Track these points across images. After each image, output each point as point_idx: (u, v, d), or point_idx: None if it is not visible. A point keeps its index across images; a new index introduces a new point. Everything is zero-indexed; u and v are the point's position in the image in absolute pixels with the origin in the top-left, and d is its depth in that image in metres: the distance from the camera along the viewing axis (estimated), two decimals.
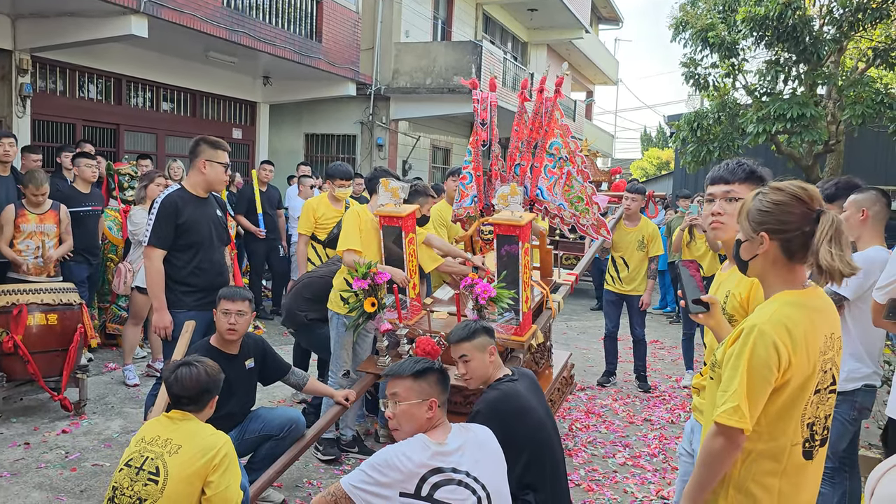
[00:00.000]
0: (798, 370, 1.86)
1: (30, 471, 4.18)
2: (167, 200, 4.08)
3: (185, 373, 2.90)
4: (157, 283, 4.05)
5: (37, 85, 9.54)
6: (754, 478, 1.93)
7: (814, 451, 1.97)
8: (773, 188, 1.97)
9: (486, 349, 3.15)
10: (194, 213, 4.14)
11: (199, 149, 4.18)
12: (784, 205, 1.92)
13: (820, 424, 1.98)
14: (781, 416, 1.90)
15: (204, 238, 4.18)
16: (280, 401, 5.59)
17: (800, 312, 1.90)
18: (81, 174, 6.18)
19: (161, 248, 4.05)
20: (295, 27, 11.56)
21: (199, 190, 4.22)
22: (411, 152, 15.95)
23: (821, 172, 12.75)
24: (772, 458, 1.92)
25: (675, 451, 4.74)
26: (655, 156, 40.32)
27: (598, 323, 8.39)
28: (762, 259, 1.96)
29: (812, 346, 1.89)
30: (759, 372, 1.83)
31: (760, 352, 1.83)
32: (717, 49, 12.11)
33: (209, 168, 4.17)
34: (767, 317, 1.88)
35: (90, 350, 6.36)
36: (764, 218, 1.94)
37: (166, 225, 4.03)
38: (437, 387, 2.62)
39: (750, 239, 1.97)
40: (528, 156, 4.91)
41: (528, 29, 21.94)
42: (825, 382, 1.96)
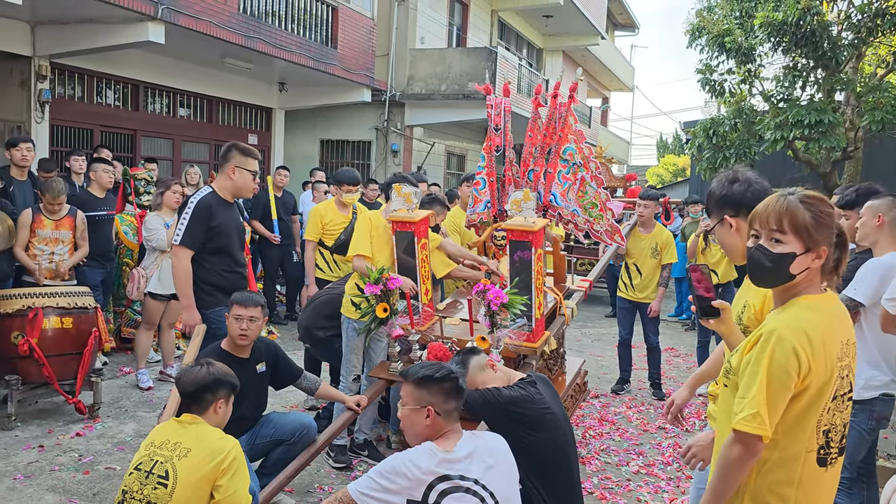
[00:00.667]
0: (816, 376, 1.83)
1: (43, 473, 4.21)
2: (203, 203, 4.11)
3: (190, 371, 2.99)
4: (185, 281, 4.08)
5: (55, 91, 9.64)
6: (770, 488, 1.91)
7: (829, 458, 1.94)
8: (820, 199, 1.94)
9: (484, 367, 3.17)
10: (225, 217, 4.20)
11: (229, 154, 4.23)
12: (833, 216, 1.93)
13: (836, 432, 1.95)
14: (798, 423, 1.87)
15: (233, 242, 4.26)
16: (293, 406, 5.59)
17: (818, 317, 1.88)
18: (98, 179, 6.23)
19: (190, 249, 4.07)
20: (310, 34, 11.63)
21: (227, 195, 4.26)
22: (426, 158, 15.97)
23: (839, 179, 12.63)
24: (787, 467, 1.89)
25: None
26: (672, 162, 40.17)
27: (612, 330, 8.34)
28: (810, 272, 1.92)
29: (830, 351, 1.86)
30: (778, 378, 1.81)
31: (780, 357, 1.81)
32: (733, 55, 12.04)
33: (238, 174, 4.21)
34: (787, 322, 1.85)
35: (105, 354, 6.40)
36: (826, 232, 1.91)
37: (199, 226, 4.07)
38: (438, 396, 2.58)
39: (807, 252, 1.90)
40: (541, 161, 4.90)
41: (544, 35, 21.93)
42: (842, 389, 1.93)
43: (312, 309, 4.99)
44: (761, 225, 1.95)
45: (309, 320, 4.97)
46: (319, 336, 4.88)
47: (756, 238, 1.97)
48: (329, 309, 4.84)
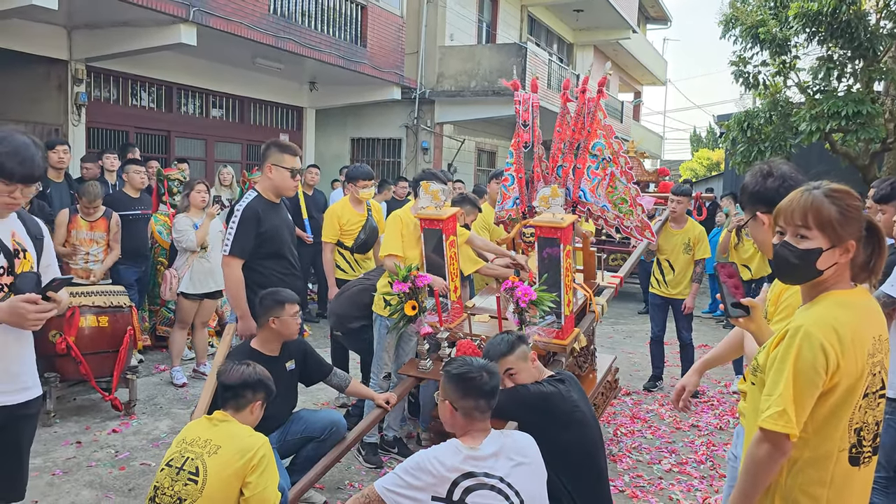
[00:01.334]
0: (846, 373, 1.79)
1: (80, 469, 4.29)
2: (248, 209, 3.98)
3: (236, 367, 3.06)
4: (237, 291, 3.96)
5: (91, 94, 9.83)
6: (801, 487, 1.87)
7: (861, 457, 1.89)
8: (846, 192, 1.90)
9: (527, 358, 3.14)
10: (274, 219, 4.08)
11: (268, 152, 4.09)
12: (860, 209, 1.89)
13: (869, 430, 1.90)
14: (829, 422, 1.83)
15: (287, 243, 4.16)
16: (324, 403, 5.63)
17: (848, 313, 1.83)
18: (130, 180, 6.34)
19: (241, 258, 3.96)
20: (340, 33, 11.69)
21: (271, 195, 4.11)
22: (456, 155, 15.96)
23: (878, 172, 12.34)
24: (818, 466, 1.85)
25: (724, 458, 4.63)
26: (706, 157, 39.62)
27: (644, 327, 8.26)
28: (838, 267, 1.88)
29: (860, 348, 1.82)
30: (805, 375, 1.77)
31: (807, 354, 1.77)
32: (767, 46, 11.83)
33: (275, 172, 4.06)
34: (815, 318, 1.82)
35: (140, 352, 6.51)
36: (853, 226, 1.87)
37: (248, 234, 3.94)
38: (456, 392, 2.59)
39: (834, 247, 1.86)
40: (570, 157, 4.86)
41: (574, 30, 21.78)
42: (874, 386, 1.89)
43: (347, 297, 4.97)
44: (786, 221, 1.91)
45: (342, 309, 4.95)
46: (352, 326, 4.88)
47: (781, 234, 1.92)
48: (364, 298, 4.83)
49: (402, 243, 4.42)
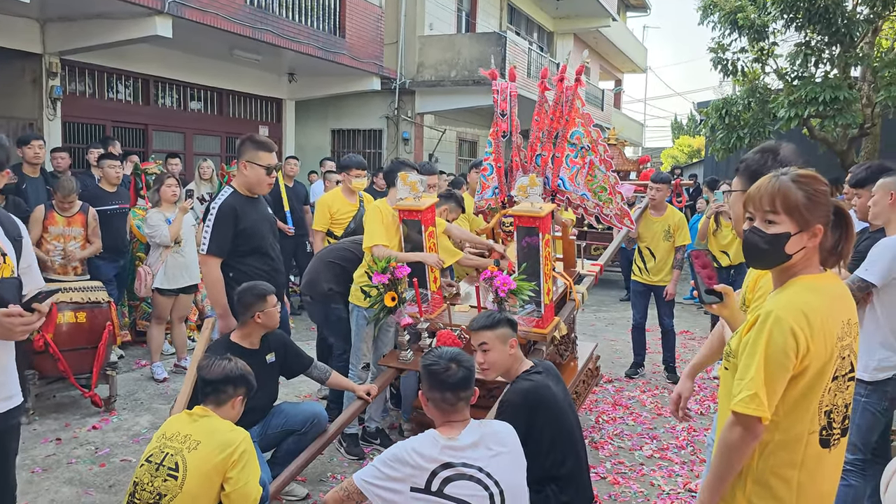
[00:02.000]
0: (816, 356, 1.82)
1: (60, 466, 4.26)
2: (225, 207, 3.90)
3: (217, 361, 3.02)
4: (217, 290, 3.90)
5: (66, 87, 9.69)
6: (773, 470, 1.89)
7: (831, 439, 1.92)
8: (813, 177, 1.92)
9: (507, 341, 3.12)
10: (253, 214, 4.00)
11: (242, 148, 4.01)
12: (828, 194, 1.90)
13: (838, 413, 1.93)
14: (799, 404, 1.86)
15: (267, 238, 4.10)
16: (305, 396, 5.62)
17: (818, 297, 1.86)
18: (106, 175, 6.28)
19: (218, 257, 3.89)
20: (318, 23, 11.60)
21: (245, 190, 4.03)
22: (437, 145, 15.93)
23: (856, 157, 12.45)
24: (789, 449, 1.88)
25: (704, 443, 4.68)
26: (686, 144, 39.78)
27: (626, 314, 8.30)
28: (806, 251, 1.90)
29: (829, 331, 1.84)
30: (776, 359, 1.80)
31: (777, 339, 1.79)
32: (746, 32, 11.88)
33: (250, 169, 3.97)
34: (784, 303, 1.84)
35: (120, 347, 6.46)
36: (820, 210, 1.89)
37: (224, 232, 3.87)
38: (425, 384, 2.61)
39: (801, 232, 1.88)
40: (549, 146, 4.87)
41: (554, 18, 21.77)
42: (843, 369, 1.91)
43: (321, 260, 4.90)
44: (755, 207, 1.93)
45: (315, 272, 4.86)
46: (324, 289, 4.78)
47: (751, 220, 1.95)
48: (335, 270, 4.78)
49: (386, 234, 4.40)
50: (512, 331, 3.16)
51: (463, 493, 2.39)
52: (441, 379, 2.55)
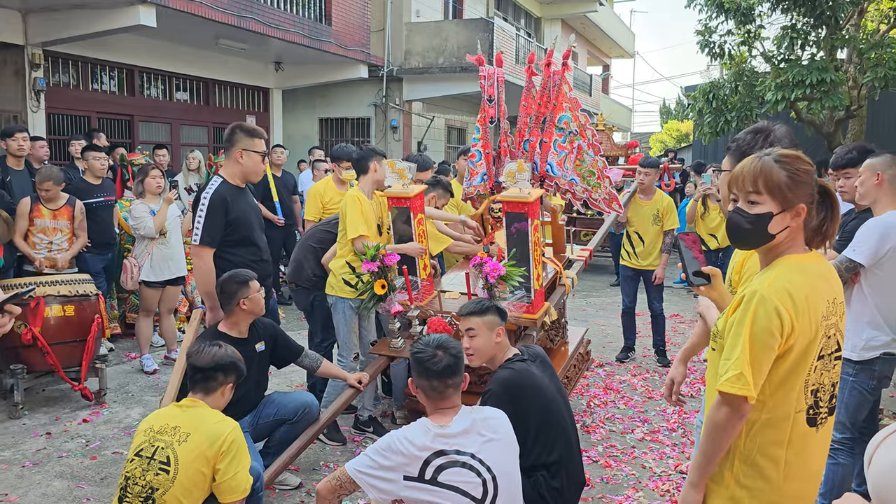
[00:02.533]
0: (801, 336, 1.83)
1: (51, 460, 4.24)
2: (216, 196, 3.88)
3: (207, 348, 2.99)
4: (209, 282, 3.84)
5: (50, 79, 9.60)
6: (760, 449, 1.90)
7: (818, 418, 1.93)
8: (795, 157, 1.92)
9: (494, 329, 3.12)
10: (242, 204, 4.01)
11: (234, 137, 3.98)
12: (811, 173, 1.91)
13: (825, 392, 1.94)
14: (785, 383, 1.86)
15: (255, 228, 4.10)
16: (297, 385, 5.62)
17: (802, 277, 1.87)
18: (90, 167, 6.22)
19: (211, 247, 3.88)
20: (304, 11, 11.52)
21: (238, 180, 4.03)
22: (426, 133, 15.89)
23: (843, 139, 12.50)
24: (776, 428, 1.88)
25: (694, 425, 4.70)
26: (675, 128, 39.86)
27: (616, 299, 8.32)
28: (790, 231, 1.91)
29: (814, 310, 1.85)
30: (761, 338, 1.80)
31: (762, 318, 1.80)
32: (732, 15, 11.86)
33: (246, 158, 3.97)
34: (769, 282, 1.85)
35: (110, 340, 6.43)
36: (803, 189, 1.89)
37: (217, 222, 3.86)
38: (413, 372, 2.62)
39: (783, 212, 1.89)
40: (536, 131, 4.86)
41: (541, 4, 21.68)
42: (829, 348, 1.92)
43: (304, 245, 4.92)
44: (738, 188, 1.94)
45: (301, 254, 4.88)
46: (308, 275, 4.78)
47: (734, 201, 1.95)
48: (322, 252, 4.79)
49: (366, 223, 4.37)
50: (500, 319, 3.16)
51: (456, 480, 2.40)
52: (428, 367, 2.54)
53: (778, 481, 1.90)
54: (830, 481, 3.23)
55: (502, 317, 3.19)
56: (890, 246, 3.16)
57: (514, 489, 2.58)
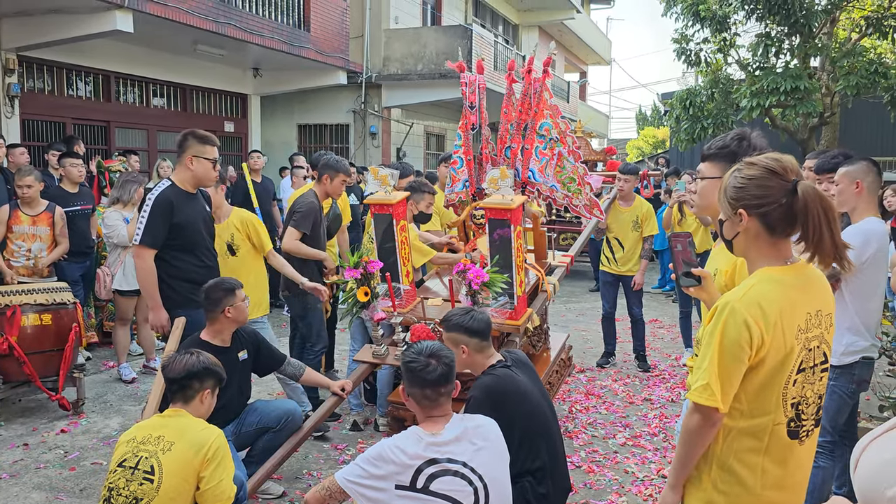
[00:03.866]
0: (773, 349, 1.82)
1: (29, 471, 4.18)
2: (161, 198, 3.93)
3: (179, 358, 2.96)
4: (150, 282, 3.92)
5: (24, 85, 9.48)
6: (736, 455, 1.90)
7: (800, 430, 1.91)
8: (747, 163, 1.93)
9: (458, 345, 3.10)
10: (189, 209, 4.03)
11: (186, 143, 4.05)
12: (758, 179, 1.88)
13: (809, 404, 1.92)
14: (759, 395, 1.86)
15: (202, 234, 4.11)
16: (279, 393, 5.58)
17: (777, 289, 1.85)
18: (67, 174, 6.14)
19: (152, 248, 3.91)
20: (283, 17, 11.48)
21: (188, 186, 4.08)
22: (405, 139, 15.88)
23: (816, 145, 12.70)
24: (753, 436, 1.88)
25: (675, 430, 4.74)
26: (651, 135, 40.22)
27: (596, 304, 8.37)
28: (744, 237, 1.92)
29: (789, 324, 1.83)
30: (729, 350, 1.81)
31: (731, 330, 1.81)
32: (708, 23, 12.03)
33: (196, 164, 4.04)
34: (741, 294, 1.85)
35: (87, 349, 6.35)
36: (740, 194, 1.89)
37: (160, 223, 3.90)
38: (405, 380, 2.61)
39: (729, 217, 1.94)
40: (518, 138, 4.88)
41: (519, 11, 21.79)
42: (811, 361, 1.90)
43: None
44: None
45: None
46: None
47: None
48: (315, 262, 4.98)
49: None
50: (466, 336, 3.09)
51: (448, 488, 2.39)
52: (420, 376, 2.53)
53: (755, 488, 1.89)
54: (811, 484, 3.25)
55: (469, 334, 3.10)
56: (870, 252, 3.22)
57: (505, 496, 2.59)
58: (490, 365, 3.13)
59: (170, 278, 3.98)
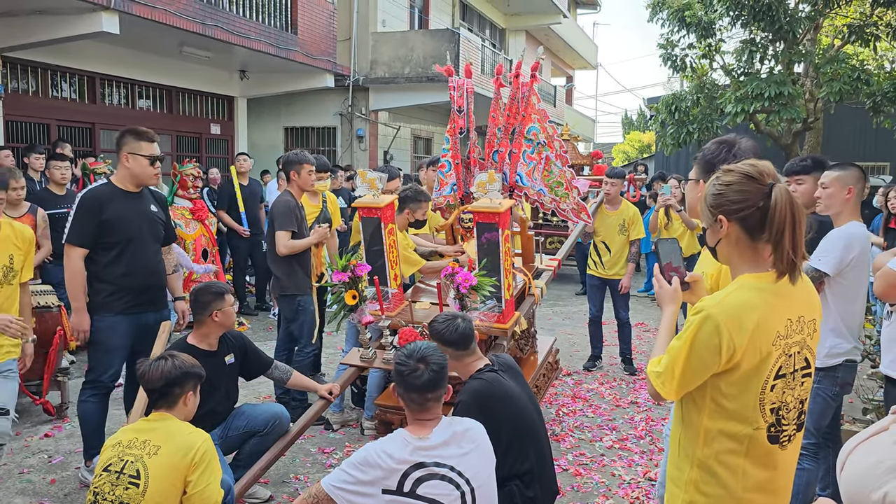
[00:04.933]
0: (748, 354, 1.82)
1: (12, 477, 4.14)
2: (88, 195, 3.82)
3: (154, 365, 2.89)
4: (77, 282, 3.78)
5: (8, 86, 9.40)
6: (717, 457, 1.91)
7: (781, 435, 1.91)
8: (725, 170, 1.96)
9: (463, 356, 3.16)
10: (121, 208, 3.85)
11: (122, 140, 3.90)
12: (735, 184, 1.90)
13: (790, 410, 1.92)
14: (737, 399, 1.87)
15: (133, 235, 3.89)
16: (265, 397, 5.56)
17: (755, 296, 1.86)
18: (52, 177, 6.10)
19: (81, 247, 3.79)
20: (270, 19, 11.46)
21: (128, 184, 3.92)
22: (392, 142, 15.89)
23: (800, 150, 12.82)
24: (733, 439, 1.89)
25: (662, 433, 4.76)
26: (637, 139, 40.46)
27: (583, 308, 8.41)
28: (725, 242, 1.94)
29: (765, 330, 1.84)
30: (696, 351, 1.83)
31: (703, 334, 1.82)
32: (693, 29, 12.14)
33: (132, 161, 3.87)
34: (718, 300, 1.86)
35: (72, 353, 6.29)
36: (719, 201, 1.92)
37: (87, 222, 3.77)
38: (396, 382, 2.60)
39: (710, 225, 1.96)
40: (506, 142, 4.89)
41: (506, 15, 21.87)
42: (791, 367, 1.90)
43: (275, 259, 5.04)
44: None
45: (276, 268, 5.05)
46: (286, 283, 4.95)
47: None
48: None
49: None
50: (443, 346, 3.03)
51: (435, 493, 2.39)
52: (408, 381, 2.52)
53: (736, 490, 1.90)
54: (796, 486, 3.27)
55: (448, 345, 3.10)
56: (853, 255, 3.25)
57: (492, 499, 2.59)
58: (478, 369, 3.14)
59: (95, 280, 3.84)
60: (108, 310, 3.85)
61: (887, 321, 3.35)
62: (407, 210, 4.85)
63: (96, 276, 3.84)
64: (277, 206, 4.99)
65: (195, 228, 7.38)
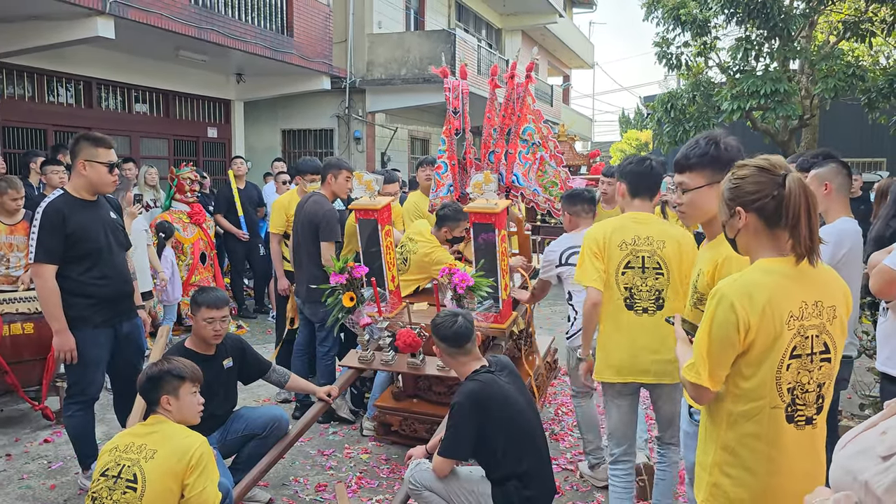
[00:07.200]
0: (761, 333, 1.91)
1: (12, 483, 4.14)
2: (50, 209, 3.62)
3: (145, 370, 2.93)
4: (53, 302, 3.61)
5: (5, 91, 9.41)
6: (740, 440, 1.99)
7: (796, 415, 1.97)
8: (739, 165, 2.06)
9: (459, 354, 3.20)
10: (84, 218, 3.70)
11: (77, 147, 3.74)
12: (750, 177, 2.00)
13: (806, 391, 1.97)
14: (753, 377, 1.96)
15: (102, 245, 3.77)
16: (264, 400, 5.56)
17: (768, 277, 1.95)
18: (49, 181, 6.10)
19: (50, 263, 3.60)
20: (265, 22, 11.46)
21: (84, 193, 3.76)
22: (389, 144, 15.89)
23: (796, 147, 12.84)
24: (753, 420, 1.97)
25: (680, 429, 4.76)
26: (634, 137, 40.41)
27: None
28: (745, 233, 2.03)
29: (777, 309, 1.91)
30: (717, 332, 1.93)
31: (720, 314, 1.93)
32: (689, 27, 12.15)
33: (89, 168, 3.71)
34: (731, 282, 1.97)
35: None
36: (735, 193, 2.02)
37: (53, 236, 3.59)
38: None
39: (729, 218, 2.05)
40: (501, 142, 4.91)
41: (502, 15, 21.88)
42: (807, 349, 1.96)
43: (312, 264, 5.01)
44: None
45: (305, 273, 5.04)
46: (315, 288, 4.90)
47: None
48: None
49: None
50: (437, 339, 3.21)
51: None
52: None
53: (760, 474, 1.98)
54: None
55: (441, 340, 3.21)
56: (844, 251, 3.27)
57: None
58: (474, 370, 3.15)
59: (67, 294, 3.66)
60: (87, 324, 3.72)
61: (883, 318, 3.36)
62: (445, 228, 4.75)
63: (71, 291, 3.67)
64: (326, 216, 4.90)
65: (193, 232, 7.39)
